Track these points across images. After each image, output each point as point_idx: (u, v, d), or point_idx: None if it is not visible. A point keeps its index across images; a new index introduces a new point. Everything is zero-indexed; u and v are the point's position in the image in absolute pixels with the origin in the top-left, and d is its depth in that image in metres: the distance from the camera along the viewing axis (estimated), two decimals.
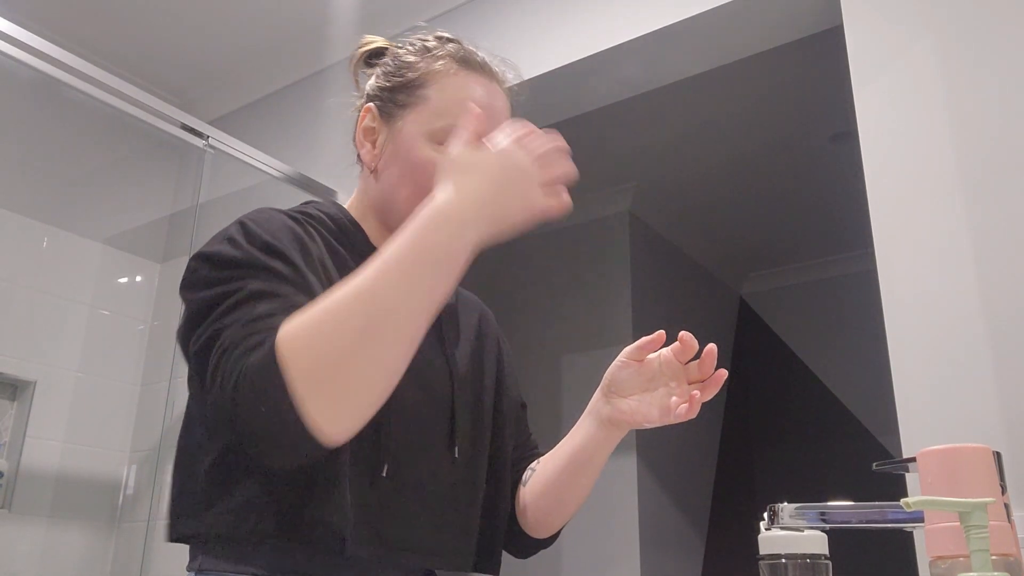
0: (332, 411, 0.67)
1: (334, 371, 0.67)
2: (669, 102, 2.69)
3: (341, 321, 0.67)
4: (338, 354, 0.67)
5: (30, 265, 2.43)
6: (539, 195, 0.76)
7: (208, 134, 2.16)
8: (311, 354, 0.66)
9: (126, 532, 2.43)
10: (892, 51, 1.52)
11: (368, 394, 0.69)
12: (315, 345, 0.67)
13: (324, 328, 0.67)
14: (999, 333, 1.28)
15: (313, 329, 0.67)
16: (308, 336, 0.67)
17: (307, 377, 0.66)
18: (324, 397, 0.66)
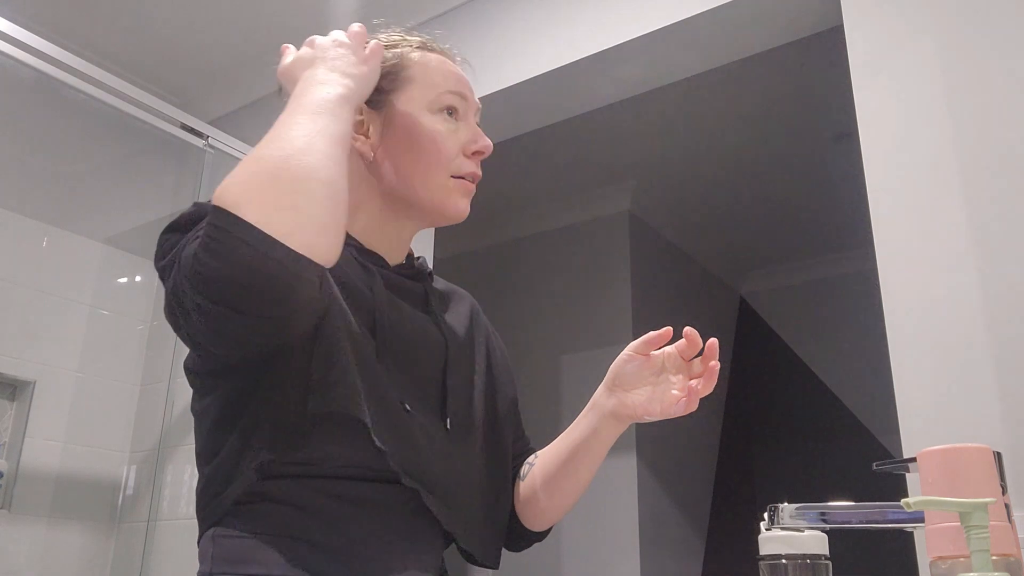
0: (295, 225, 0.69)
1: (273, 182, 0.70)
2: (669, 102, 2.69)
3: (260, 156, 0.73)
4: (270, 169, 0.71)
5: (30, 265, 2.43)
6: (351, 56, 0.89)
7: (208, 134, 2.16)
8: (246, 181, 0.71)
9: (126, 532, 2.43)
10: (892, 51, 1.52)
11: (318, 204, 0.71)
12: (246, 174, 0.71)
13: (247, 165, 0.72)
14: (999, 333, 1.28)
15: (238, 171, 0.72)
16: (235, 176, 0.71)
17: (255, 205, 0.68)
18: (281, 215, 0.68)
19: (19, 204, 2.42)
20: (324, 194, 0.72)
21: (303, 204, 0.70)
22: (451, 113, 0.95)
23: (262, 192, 0.69)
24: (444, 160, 0.93)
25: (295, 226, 0.69)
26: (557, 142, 2.86)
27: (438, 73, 0.97)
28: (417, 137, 0.93)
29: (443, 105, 0.95)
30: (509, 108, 2.16)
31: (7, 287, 2.37)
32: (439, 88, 0.95)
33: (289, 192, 0.70)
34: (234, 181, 0.71)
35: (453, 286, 1.09)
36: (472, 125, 0.97)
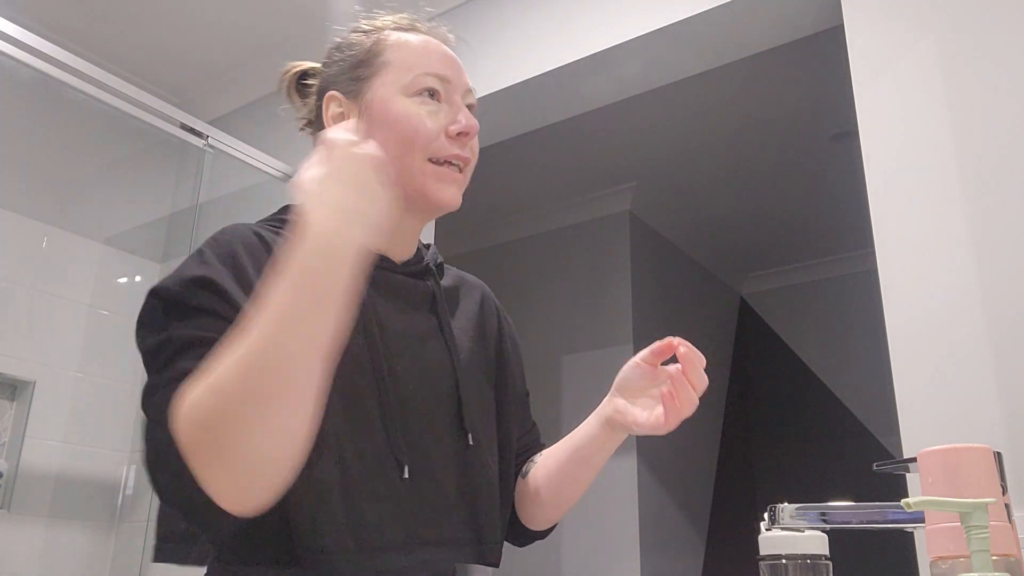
0: (230, 484, 0.65)
1: (228, 447, 0.64)
2: (669, 102, 2.69)
3: (228, 396, 0.64)
4: (228, 430, 0.63)
5: (30, 265, 2.43)
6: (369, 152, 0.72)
7: (208, 134, 2.16)
8: (201, 432, 0.64)
9: (126, 532, 2.43)
10: (893, 51, 1.52)
11: (267, 462, 0.65)
12: (205, 424, 0.64)
13: (211, 406, 0.64)
14: (999, 333, 1.28)
15: (203, 407, 0.64)
16: (199, 415, 0.65)
17: (202, 457, 0.64)
18: (218, 470, 0.64)
19: (19, 204, 2.42)
20: (282, 456, 0.66)
21: (246, 467, 0.65)
22: (432, 95, 0.89)
23: (213, 446, 0.64)
24: (421, 143, 0.87)
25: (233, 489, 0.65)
26: (557, 142, 2.86)
27: (416, 54, 0.91)
28: (391, 122, 0.88)
29: (421, 87, 0.89)
30: (509, 108, 2.16)
31: (7, 287, 2.37)
32: (416, 70, 0.90)
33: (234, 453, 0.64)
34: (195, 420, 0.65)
35: (464, 276, 1.06)
36: (456, 105, 0.91)
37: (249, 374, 0.63)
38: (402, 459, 0.83)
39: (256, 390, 0.63)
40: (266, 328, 0.64)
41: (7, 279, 2.37)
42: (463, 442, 0.90)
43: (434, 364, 0.91)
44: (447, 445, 0.89)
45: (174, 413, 0.66)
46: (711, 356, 0.93)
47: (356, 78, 0.92)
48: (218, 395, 0.64)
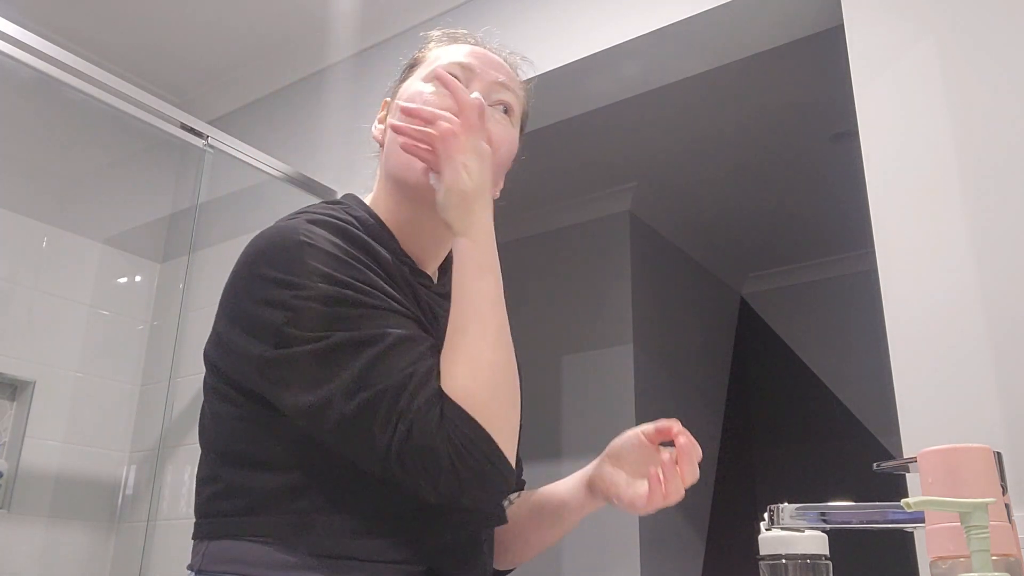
0: (513, 441, 0.78)
1: (511, 412, 0.78)
2: (669, 102, 2.68)
3: (499, 369, 0.78)
4: (509, 396, 0.78)
5: (30, 265, 2.43)
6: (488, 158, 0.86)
7: (208, 134, 2.16)
8: (497, 408, 0.76)
9: (126, 532, 2.43)
10: (892, 51, 1.52)
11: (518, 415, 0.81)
12: (496, 400, 0.76)
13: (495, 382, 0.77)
14: (999, 333, 1.28)
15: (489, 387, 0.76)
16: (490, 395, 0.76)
17: (501, 427, 0.75)
18: (512, 434, 0.77)
19: (19, 204, 2.42)
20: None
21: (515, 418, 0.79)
22: None
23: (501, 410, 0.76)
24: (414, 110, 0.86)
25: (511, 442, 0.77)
26: (557, 142, 2.85)
27: (444, 51, 0.97)
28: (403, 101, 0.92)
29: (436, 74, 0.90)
30: None
31: (7, 287, 2.37)
32: (438, 61, 0.95)
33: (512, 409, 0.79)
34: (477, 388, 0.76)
35: None
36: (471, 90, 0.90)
37: (499, 344, 0.79)
38: None
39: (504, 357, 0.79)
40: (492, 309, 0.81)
41: (7, 279, 2.37)
42: None
43: None
44: None
45: (463, 405, 0.74)
46: (711, 356, 0.93)
47: (398, 82, 0.98)
48: (488, 374, 0.77)
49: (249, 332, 0.78)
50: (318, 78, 2.60)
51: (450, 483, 0.73)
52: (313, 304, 0.75)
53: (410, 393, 0.73)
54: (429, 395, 0.74)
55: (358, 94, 2.38)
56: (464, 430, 0.73)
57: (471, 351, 0.77)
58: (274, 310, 0.76)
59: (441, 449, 0.72)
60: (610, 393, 3.07)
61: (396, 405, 0.72)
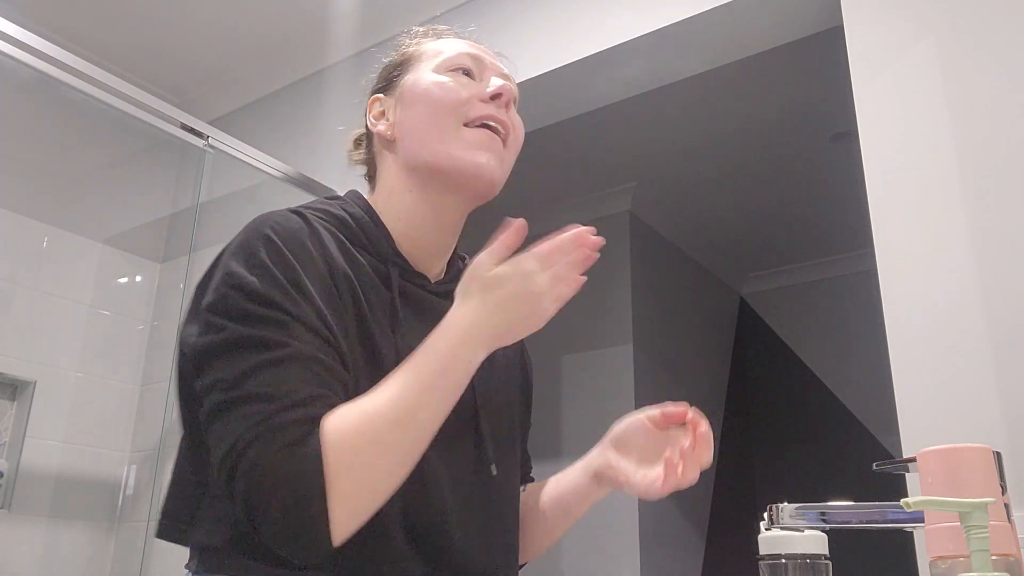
0: (354, 522, 0.70)
1: (371, 492, 0.70)
2: (669, 102, 2.68)
3: (386, 448, 0.70)
4: (378, 477, 0.71)
5: (30, 265, 2.43)
6: (549, 311, 0.80)
7: (208, 134, 2.16)
8: (354, 475, 0.69)
9: (126, 532, 2.43)
10: (892, 51, 1.52)
11: (382, 498, 0.72)
12: (360, 468, 0.69)
13: (370, 453, 0.70)
14: (999, 333, 1.28)
15: (361, 451, 0.69)
16: (356, 458, 0.69)
17: (345, 495, 0.68)
18: (354, 512, 0.69)
19: (19, 204, 2.42)
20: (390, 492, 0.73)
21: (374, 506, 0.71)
22: (466, 73, 0.92)
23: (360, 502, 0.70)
24: (451, 105, 0.88)
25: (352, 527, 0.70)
26: (557, 142, 2.85)
27: (446, 44, 0.97)
28: (423, 92, 0.91)
29: (452, 65, 0.92)
30: None
31: (7, 287, 2.37)
32: (445, 53, 0.94)
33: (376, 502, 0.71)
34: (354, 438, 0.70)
35: None
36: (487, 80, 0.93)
37: (403, 428, 0.71)
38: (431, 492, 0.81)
39: (405, 445, 0.72)
40: (416, 394, 0.72)
41: (7, 279, 2.37)
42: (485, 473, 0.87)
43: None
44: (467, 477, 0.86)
45: (323, 444, 0.68)
46: (711, 356, 0.93)
47: (393, 76, 0.96)
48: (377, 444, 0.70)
49: (189, 316, 0.80)
50: (318, 78, 2.60)
51: (257, 514, 0.68)
52: (238, 295, 0.75)
53: (278, 407, 0.69)
54: (299, 417, 0.69)
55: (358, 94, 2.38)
56: (305, 468, 0.67)
57: (377, 408, 0.71)
58: (209, 293, 0.77)
59: (267, 473, 0.67)
60: (610, 393, 3.07)
61: (261, 412, 0.69)
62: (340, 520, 0.68)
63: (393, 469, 0.71)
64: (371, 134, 0.98)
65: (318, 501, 0.67)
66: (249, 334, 0.73)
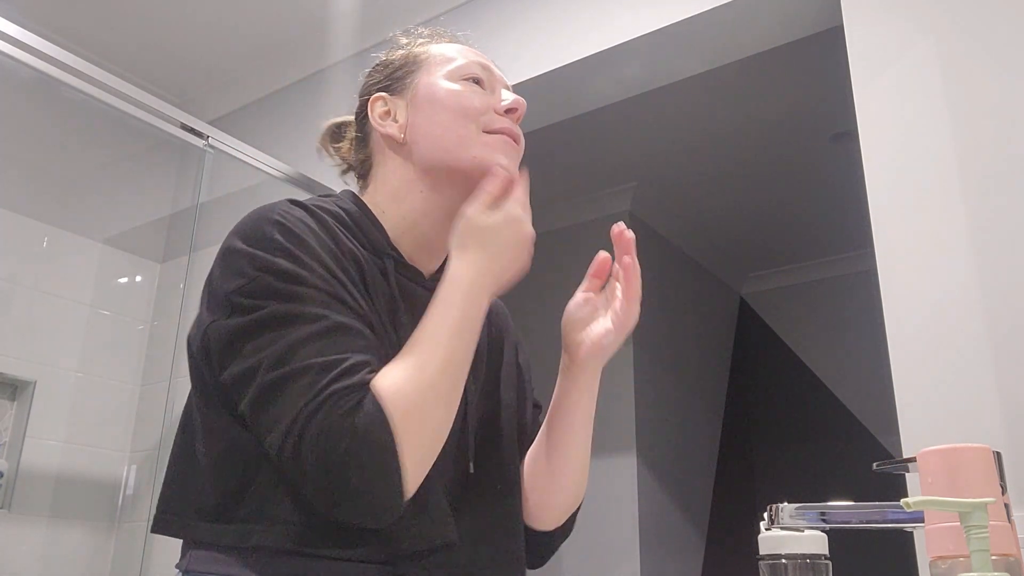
0: (421, 473, 0.73)
1: (434, 440, 0.75)
2: (669, 102, 2.68)
3: (440, 395, 0.75)
4: (437, 425, 0.75)
5: (30, 265, 2.43)
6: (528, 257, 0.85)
7: (208, 134, 2.16)
8: (418, 425, 0.72)
9: (126, 532, 2.43)
10: (892, 51, 1.52)
11: (439, 448, 0.76)
12: (422, 417, 0.73)
13: (428, 401, 0.74)
14: (999, 333, 1.28)
15: (420, 401, 0.73)
16: (417, 408, 0.73)
17: (414, 446, 0.72)
18: (421, 462, 0.73)
19: (19, 204, 2.42)
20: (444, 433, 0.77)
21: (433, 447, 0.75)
22: (477, 82, 0.94)
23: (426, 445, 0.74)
24: (472, 114, 0.91)
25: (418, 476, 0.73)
26: (557, 142, 2.85)
27: (455, 51, 0.97)
28: (443, 99, 0.92)
29: (465, 74, 0.94)
30: None
31: (7, 287, 2.37)
32: (456, 60, 0.95)
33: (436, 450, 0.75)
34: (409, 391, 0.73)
35: None
36: (497, 92, 0.95)
37: (450, 376, 0.76)
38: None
39: (454, 392, 0.77)
40: (452, 341, 0.77)
41: (7, 279, 2.37)
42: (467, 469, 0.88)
43: None
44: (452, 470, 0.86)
45: (382, 402, 0.71)
46: (711, 356, 0.94)
47: (400, 76, 0.96)
48: (432, 391, 0.74)
49: (210, 306, 0.80)
50: (318, 78, 2.60)
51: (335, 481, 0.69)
52: (267, 276, 0.76)
53: (335, 376, 0.71)
54: (352, 383, 0.71)
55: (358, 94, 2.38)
56: (373, 427, 0.69)
57: (418, 361, 0.75)
58: (231, 279, 0.78)
59: (339, 438, 0.68)
60: (610, 392, 3.07)
61: (316, 383, 0.71)
62: (411, 471, 0.71)
63: (445, 415, 0.76)
64: (367, 133, 0.98)
65: (392, 456, 0.70)
66: (286, 310, 0.74)
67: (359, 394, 0.71)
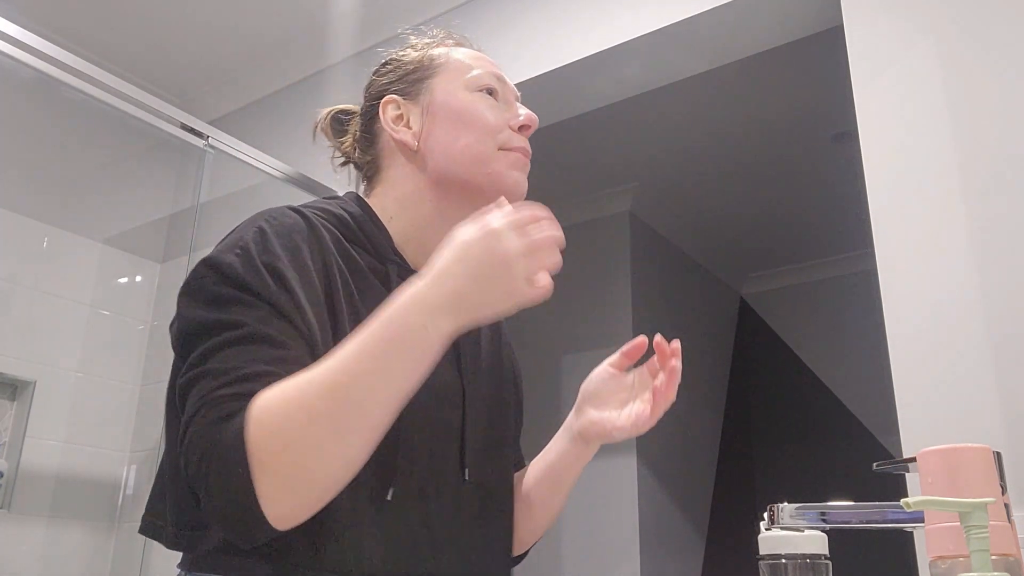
0: (288, 498, 0.67)
1: (298, 466, 0.66)
2: (669, 102, 2.68)
3: (313, 417, 0.66)
4: (304, 449, 0.66)
5: (30, 265, 2.43)
6: (523, 286, 0.71)
7: (208, 134, 2.16)
8: (277, 445, 0.66)
9: (126, 532, 2.42)
10: (892, 51, 1.52)
11: (326, 485, 0.68)
12: (283, 437, 0.66)
13: (294, 421, 0.66)
14: (999, 333, 1.28)
15: (284, 420, 0.66)
16: (278, 426, 0.66)
17: (269, 468, 0.65)
18: (283, 488, 0.66)
19: (19, 204, 2.42)
20: (343, 478, 0.69)
21: (316, 490, 0.68)
22: (491, 93, 0.93)
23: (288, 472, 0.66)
24: (491, 131, 0.90)
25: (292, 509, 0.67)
26: (557, 142, 2.85)
27: (470, 57, 0.96)
28: (460, 111, 0.91)
29: (481, 85, 0.93)
30: None
31: (7, 287, 2.37)
32: (473, 70, 0.94)
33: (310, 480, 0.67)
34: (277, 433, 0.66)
35: None
36: (514, 105, 0.95)
37: (336, 398, 0.66)
38: (386, 481, 0.79)
39: (339, 416, 0.66)
40: (357, 362, 0.67)
41: (7, 279, 2.37)
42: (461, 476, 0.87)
43: (446, 394, 0.88)
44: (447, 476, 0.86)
45: (247, 416, 0.66)
46: (711, 356, 0.94)
47: (413, 80, 0.95)
48: (303, 411, 0.66)
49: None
50: (318, 78, 2.60)
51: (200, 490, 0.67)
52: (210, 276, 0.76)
53: (225, 382, 0.69)
54: (236, 391, 0.68)
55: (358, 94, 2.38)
56: (227, 439, 0.66)
57: (307, 378, 0.68)
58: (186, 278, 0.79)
59: (203, 446, 0.67)
60: None
61: (207, 388, 0.69)
62: (271, 495, 0.65)
63: (325, 442, 0.66)
64: (375, 134, 0.96)
65: (241, 472, 0.65)
66: (216, 317, 0.74)
67: (238, 404, 0.67)
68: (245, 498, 0.65)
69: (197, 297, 0.76)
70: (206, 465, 0.67)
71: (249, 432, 0.66)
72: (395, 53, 1.00)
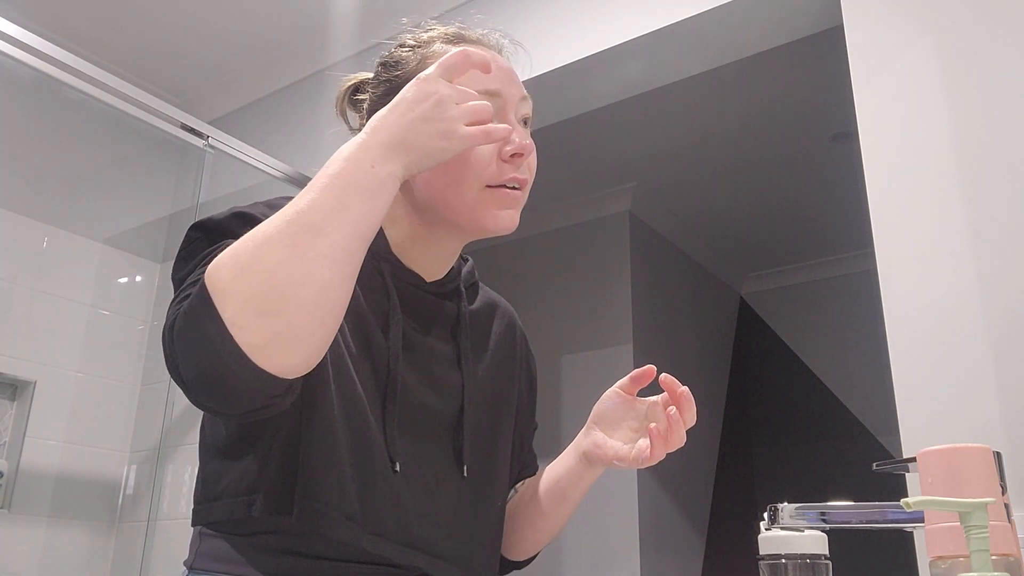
0: (270, 335, 0.64)
1: (261, 282, 0.64)
2: (669, 102, 2.68)
3: (269, 239, 0.65)
4: (264, 268, 0.64)
5: (30, 265, 2.43)
6: (457, 127, 0.74)
7: (208, 134, 2.16)
8: (235, 270, 0.65)
9: (126, 532, 2.43)
10: (892, 51, 1.52)
11: (305, 314, 0.65)
12: (238, 262, 0.65)
13: (248, 246, 0.66)
14: (999, 333, 1.28)
15: (239, 253, 0.65)
16: (232, 261, 0.65)
17: (236, 301, 0.64)
18: (258, 321, 0.64)
19: (19, 204, 2.42)
20: (315, 304, 0.66)
21: (287, 313, 0.64)
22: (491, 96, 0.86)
23: (249, 290, 0.64)
24: (476, 170, 0.83)
25: (268, 339, 0.64)
26: (557, 142, 2.85)
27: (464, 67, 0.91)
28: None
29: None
30: None
31: (7, 287, 2.37)
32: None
33: (276, 298, 0.64)
34: (231, 262, 0.65)
35: (497, 300, 1.02)
36: (509, 123, 0.87)
37: (290, 221, 0.66)
38: (394, 456, 0.82)
39: (296, 235, 0.66)
40: (309, 195, 0.69)
41: (7, 279, 2.37)
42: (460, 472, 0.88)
43: (445, 390, 0.89)
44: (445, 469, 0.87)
45: (206, 275, 0.66)
46: (711, 356, 0.94)
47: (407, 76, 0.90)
48: (256, 238, 0.66)
49: None
50: (318, 78, 2.60)
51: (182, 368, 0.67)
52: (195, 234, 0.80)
53: (191, 282, 0.71)
54: (197, 276, 0.70)
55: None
56: (193, 300, 0.65)
57: (257, 227, 0.67)
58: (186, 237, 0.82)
59: (171, 321, 0.69)
60: None
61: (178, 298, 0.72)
62: (240, 320, 0.63)
63: (285, 257, 0.65)
64: None
65: (206, 307, 0.64)
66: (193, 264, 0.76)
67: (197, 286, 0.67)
68: (214, 328, 0.63)
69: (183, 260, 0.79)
70: (176, 330, 0.67)
71: (207, 278, 0.65)
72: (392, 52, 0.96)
